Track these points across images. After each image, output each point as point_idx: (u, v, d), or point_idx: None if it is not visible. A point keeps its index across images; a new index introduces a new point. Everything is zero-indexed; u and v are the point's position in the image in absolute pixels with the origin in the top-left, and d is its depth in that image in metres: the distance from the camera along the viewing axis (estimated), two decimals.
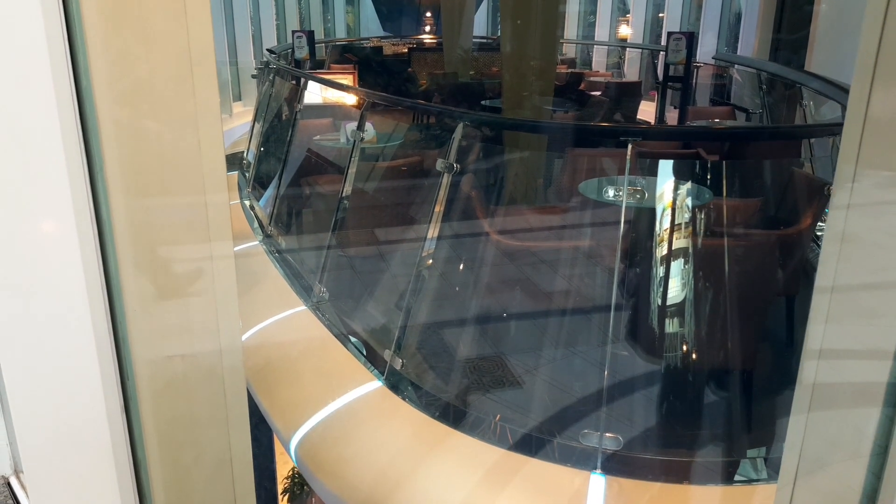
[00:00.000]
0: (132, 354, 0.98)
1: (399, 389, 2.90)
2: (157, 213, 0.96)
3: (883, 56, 0.69)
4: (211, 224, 0.99)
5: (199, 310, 1.04)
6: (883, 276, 0.75)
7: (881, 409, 0.76)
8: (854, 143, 0.74)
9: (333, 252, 3.89)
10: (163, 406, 1.03)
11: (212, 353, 1.07)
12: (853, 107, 0.73)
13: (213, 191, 0.97)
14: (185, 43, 0.90)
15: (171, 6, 0.89)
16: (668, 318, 3.04)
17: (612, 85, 8.99)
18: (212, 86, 0.94)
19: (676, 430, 2.86)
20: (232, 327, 1.07)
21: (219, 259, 1.02)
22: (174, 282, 1.01)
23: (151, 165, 0.93)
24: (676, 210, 3.24)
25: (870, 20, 0.69)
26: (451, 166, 3.07)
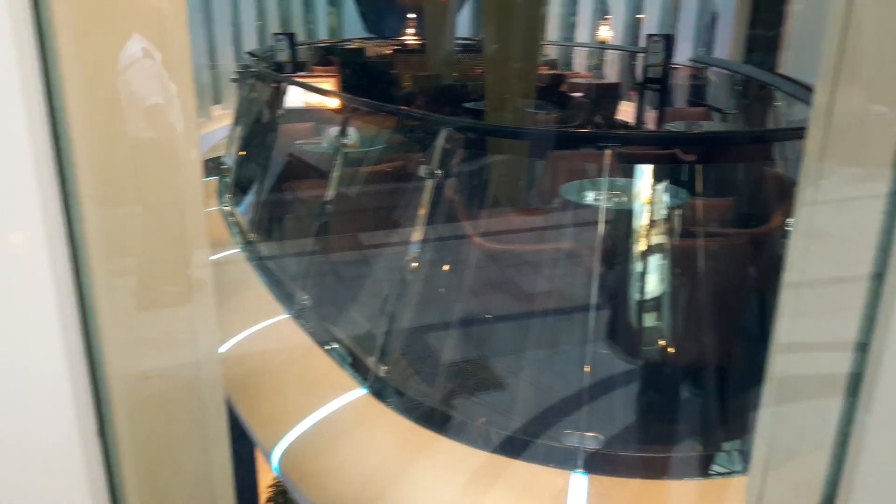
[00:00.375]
0: (106, 370, 0.95)
1: (383, 396, 2.92)
2: (132, 223, 0.95)
3: (845, 57, 0.72)
4: (188, 232, 0.99)
5: (175, 322, 1.03)
6: (847, 270, 0.77)
7: (843, 399, 0.79)
8: (819, 142, 0.76)
9: (316, 258, 3.90)
10: (139, 423, 1.01)
11: (189, 367, 1.06)
12: (818, 106, 0.76)
13: (190, 198, 0.98)
14: (162, 49, 0.91)
15: (146, 12, 0.89)
16: (647, 316, 3.10)
17: (592, 86, 9.08)
18: (188, 92, 0.94)
19: (655, 426, 2.91)
20: (210, 339, 1.07)
21: (196, 268, 1.02)
22: (149, 293, 1.00)
23: (126, 173, 0.93)
24: (654, 210, 3.30)
25: (832, 23, 0.72)
26: (434, 172, 3.10)
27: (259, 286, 3.98)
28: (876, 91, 0.72)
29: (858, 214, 0.75)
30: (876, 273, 0.73)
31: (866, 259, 0.73)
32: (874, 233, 0.72)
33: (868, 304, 0.74)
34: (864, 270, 0.74)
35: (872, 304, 0.74)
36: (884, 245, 0.71)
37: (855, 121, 0.74)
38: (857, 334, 0.76)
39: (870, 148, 0.73)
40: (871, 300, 0.74)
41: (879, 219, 0.71)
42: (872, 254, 0.72)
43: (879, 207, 0.71)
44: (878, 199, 0.71)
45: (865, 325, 0.75)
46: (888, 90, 0.70)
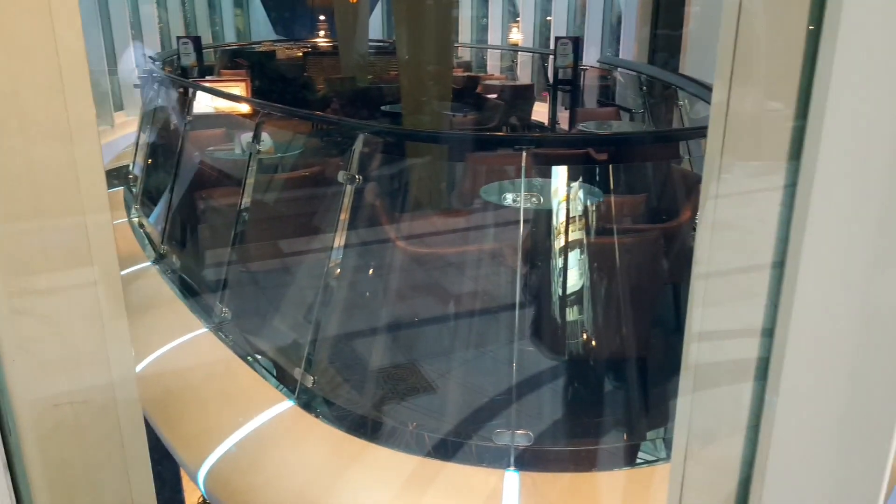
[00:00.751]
0: (11, 398, 0.91)
1: (312, 407, 2.87)
2: (31, 239, 0.90)
3: (739, 56, 0.75)
4: (93, 246, 0.94)
5: (85, 342, 0.98)
6: (752, 259, 0.79)
7: (753, 383, 0.82)
8: (719, 138, 0.79)
9: (234, 268, 3.79)
10: (51, 453, 0.97)
11: (103, 388, 1.01)
12: (716, 103, 0.79)
13: (94, 210, 0.93)
14: (53, 50, 0.86)
15: (33, 10, 0.84)
16: (568, 313, 3.19)
17: (506, 88, 9.25)
18: (86, 95, 0.89)
19: (581, 420, 3.00)
20: (124, 358, 1.02)
21: (104, 284, 0.97)
22: (55, 313, 0.95)
23: (21, 186, 0.87)
24: (571, 209, 3.40)
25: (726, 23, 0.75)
26: (354, 178, 3.07)
27: (174, 300, 3.83)
28: (770, 88, 0.75)
29: (759, 206, 0.77)
30: (777, 261, 0.76)
31: (768, 248, 0.77)
32: (774, 223, 0.75)
33: (771, 292, 0.78)
34: (767, 259, 0.77)
35: (775, 291, 0.77)
36: (783, 235, 0.75)
37: (751, 117, 0.77)
38: (763, 320, 0.80)
39: (766, 142, 0.76)
40: (774, 287, 0.77)
41: (778, 210, 0.75)
42: (773, 243, 0.76)
43: (778, 199, 0.75)
44: (777, 192, 0.75)
45: (770, 312, 0.79)
46: (781, 87, 0.73)
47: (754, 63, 0.75)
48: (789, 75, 0.72)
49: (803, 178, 0.72)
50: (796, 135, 0.73)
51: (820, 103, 0.69)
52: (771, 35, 0.74)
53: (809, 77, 0.70)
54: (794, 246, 0.74)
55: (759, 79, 0.76)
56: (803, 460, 0.81)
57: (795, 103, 0.72)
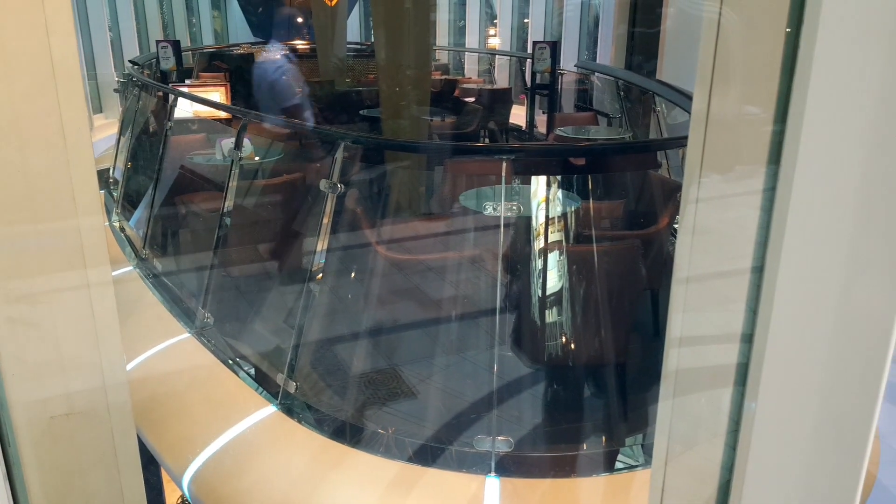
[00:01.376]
0: (10, 408, 0.93)
1: (294, 413, 2.87)
2: (27, 242, 0.91)
3: (719, 60, 0.76)
4: (86, 249, 0.96)
5: (78, 347, 0.99)
6: (731, 264, 0.79)
7: (733, 389, 0.83)
8: (699, 142, 0.79)
9: (216, 273, 3.77)
10: (45, 454, 0.98)
11: (96, 393, 1.03)
12: (697, 108, 0.79)
13: (86, 213, 0.95)
14: (48, 58, 0.88)
15: (28, 20, 0.85)
16: (547, 319, 3.22)
17: (484, 91, 9.28)
18: (79, 102, 0.91)
19: (561, 426, 3.03)
20: (115, 360, 1.04)
21: (96, 286, 0.99)
22: (49, 318, 0.96)
23: (17, 191, 0.89)
24: (550, 216, 3.43)
25: (706, 27, 0.76)
26: (336, 186, 3.08)
27: (156, 305, 3.80)
28: (749, 92, 0.76)
29: (738, 211, 0.77)
30: (756, 266, 0.77)
31: (747, 253, 0.77)
32: (754, 228, 0.76)
33: (750, 297, 0.78)
34: (746, 264, 0.77)
35: (754, 296, 0.78)
36: (762, 240, 0.75)
37: (731, 121, 0.78)
38: (743, 326, 0.80)
39: (746, 147, 0.77)
40: (753, 293, 0.78)
41: (757, 215, 0.75)
42: (753, 248, 0.76)
43: (757, 204, 0.75)
44: (756, 196, 0.75)
45: (749, 317, 0.79)
46: (759, 91, 0.74)
47: (734, 67, 0.76)
48: (768, 79, 0.72)
49: (782, 183, 0.72)
50: (775, 139, 0.73)
51: (799, 107, 0.69)
52: (750, 38, 0.75)
53: (788, 80, 0.71)
54: (772, 251, 0.74)
55: (738, 83, 0.77)
56: (781, 465, 0.81)
57: (774, 107, 0.72)
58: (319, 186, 3.13)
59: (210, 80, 8.56)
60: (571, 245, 3.39)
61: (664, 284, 3.50)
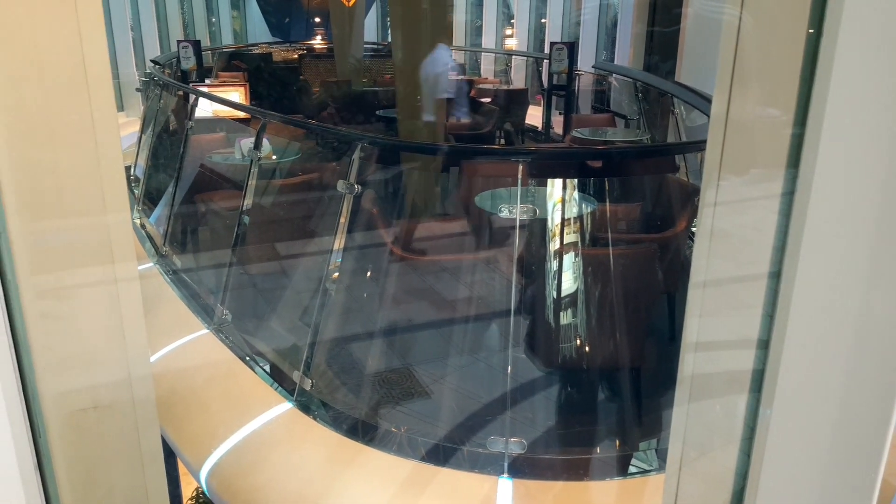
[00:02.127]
0: (42, 402, 0.95)
1: (310, 410, 2.90)
2: (57, 238, 0.93)
3: (739, 63, 0.75)
4: (113, 245, 0.97)
5: (106, 340, 1.01)
6: (749, 268, 0.79)
7: (748, 395, 0.82)
8: (718, 144, 0.79)
9: (234, 271, 3.81)
10: (72, 445, 1.00)
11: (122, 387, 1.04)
12: (716, 110, 0.79)
13: (115, 210, 0.96)
14: (80, 62, 0.90)
15: (63, 25, 0.88)
16: (562, 322, 3.21)
17: (500, 92, 9.27)
18: (109, 104, 0.93)
19: (575, 429, 3.03)
20: (141, 355, 1.05)
21: (123, 282, 1.00)
22: (79, 310, 0.98)
23: (49, 187, 0.91)
24: (566, 218, 3.43)
25: (727, 29, 0.76)
26: (353, 187, 3.10)
27: (176, 301, 3.85)
28: (769, 95, 0.75)
29: (757, 215, 0.77)
30: (774, 272, 0.76)
31: (765, 258, 0.76)
32: (772, 232, 0.75)
33: (767, 303, 0.78)
34: (764, 269, 0.77)
35: (771, 302, 0.77)
36: (780, 244, 0.74)
37: (750, 124, 0.77)
38: (759, 332, 0.79)
39: (765, 150, 0.76)
40: (770, 298, 0.77)
41: (775, 219, 0.74)
42: (770, 253, 0.76)
43: (775, 207, 0.74)
44: (774, 200, 0.74)
45: (766, 323, 0.78)
46: (779, 94, 0.73)
47: (754, 69, 0.75)
48: (788, 81, 0.71)
49: (801, 187, 0.71)
50: (794, 142, 0.72)
51: (819, 109, 0.68)
52: (771, 40, 0.74)
53: (809, 83, 0.70)
54: (790, 256, 0.73)
55: (758, 86, 0.76)
56: (796, 473, 0.81)
57: (794, 110, 0.71)
58: (337, 187, 3.16)
59: (229, 79, 8.64)
60: (587, 248, 3.38)
61: (681, 288, 3.49)
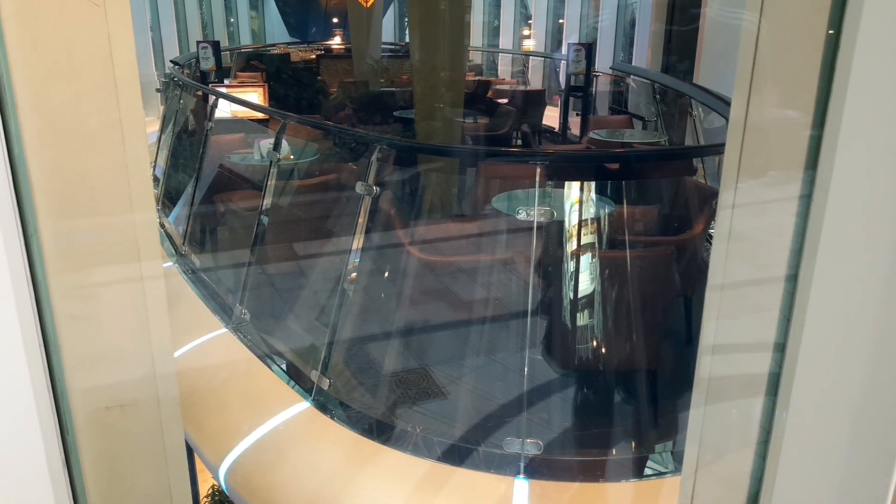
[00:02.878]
0: (70, 400, 0.97)
1: (327, 409, 2.92)
2: (85, 236, 0.95)
3: (759, 64, 0.75)
4: (140, 243, 0.99)
5: (132, 338, 1.03)
6: (766, 271, 0.78)
7: (765, 398, 0.81)
8: (737, 146, 0.79)
9: (253, 271, 3.84)
10: (98, 442, 1.02)
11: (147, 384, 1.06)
12: (735, 111, 0.79)
13: (141, 209, 0.98)
14: (109, 65, 0.92)
15: (93, 29, 0.90)
16: (579, 324, 3.21)
17: (518, 93, 9.27)
18: (136, 105, 0.95)
19: (590, 430, 3.03)
20: (166, 353, 1.07)
21: (149, 280, 1.02)
22: (106, 308, 1.00)
23: (78, 187, 0.93)
24: (583, 221, 3.43)
25: (746, 30, 0.75)
26: (371, 188, 3.12)
27: (195, 300, 3.89)
28: (787, 96, 0.75)
29: (774, 217, 0.77)
30: (791, 274, 0.75)
31: (782, 261, 0.76)
32: (789, 235, 0.74)
33: (784, 306, 0.77)
34: (781, 272, 0.76)
35: (788, 305, 0.76)
36: (797, 247, 0.74)
37: (769, 126, 0.77)
38: (776, 335, 0.79)
39: (783, 152, 0.76)
40: (787, 301, 0.77)
41: (793, 221, 0.74)
42: (788, 255, 0.75)
43: (793, 210, 0.74)
44: (792, 202, 0.74)
45: (783, 326, 0.78)
46: (798, 95, 0.73)
47: (773, 71, 0.75)
48: (807, 82, 0.71)
49: (819, 189, 0.71)
50: (813, 144, 0.71)
51: (837, 111, 0.67)
52: (789, 42, 0.74)
53: (828, 84, 0.69)
54: (807, 259, 0.73)
55: (777, 87, 0.76)
56: (812, 477, 0.80)
57: (812, 112, 0.71)
58: (355, 188, 3.18)
59: (248, 80, 8.72)
60: (604, 250, 3.37)
61: (697, 291, 3.47)
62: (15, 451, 0.93)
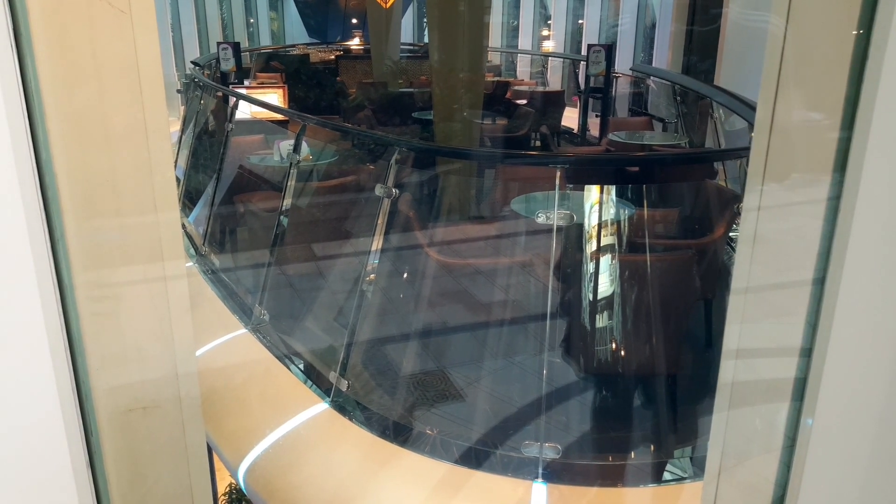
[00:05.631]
0: (95, 401, 0.98)
1: (346, 410, 2.93)
2: (110, 236, 0.96)
3: (786, 65, 0.74)
4: (163, 243, 1.00)
5: (156, 337, 1.04)
6: (791, 275, 0.77)
7: (789, 404, 0.80)
8: (762, 149, 0.78)
9: (272, 271, 3.87)
10: (121, 442, 1.03)
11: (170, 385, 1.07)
12: (761, 113, 0.78)
13: (165, 209, 0.99)
14: (135, 69, 0.93)
15: (119, 35, 0.91)
16: (599, 327, 3.19)
17: (536, 94, 9.24)
18: (161, 107, 0.96)
19: (609, 434, 3.01)
20: (188, 353, 1.07)
21: (172, 279, 1.02)
22: (130, 308, 1.01)
23: (104, 187, 0.94)
24: (603, 223, 3.40)
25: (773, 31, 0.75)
26: (391, 191, 3.12)
27: (215, 300, 3.92)
28: (814, 98, 0.74)
29: (801, 220, 0.76)
30: (818, 278, 0.74)
31: (809, 264, 0.75)
32: (816, 238, 0.73)
33: (811, 310, 0.76)
34: (807, 276, 0.75)
35: (815, 309, 0.75)
36: (824, 251, 0.73)
37: (796, 127, 0.76)
38: (802, 339, 0.78)
39: (810, 154, 0.75)
40: (814, 306, 0.75)
41: (820, 224, 0.73)
42: (815, 259, 0.74)
43: (820, 213, 0.73)
44: (819, 205, 0.73)
45: (809, 331, 0.77)
46: (827, 97, 0.71)
47: (800, 72, 0.74)
48: (835, 83, 0.70)
49: (847, 192, 0.69)
50: (841, 146, 0.70)
51: (866, 113, 0.66)
52: (817, 42, 0.73)
53: (857, 85, 0.68)
54: (835, 262, 0.72)
55: (804, 88, 0.75)
56: (838, 486, 0.79)
57: (841, 113, 0.70)
58: (375, 191, 3.19)
59: (267, 80, 8.77)
60: (624, 253, 3.35)
61: (718, 295, 3.44)
62: (40, 451, 0.94)
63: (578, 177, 3.52)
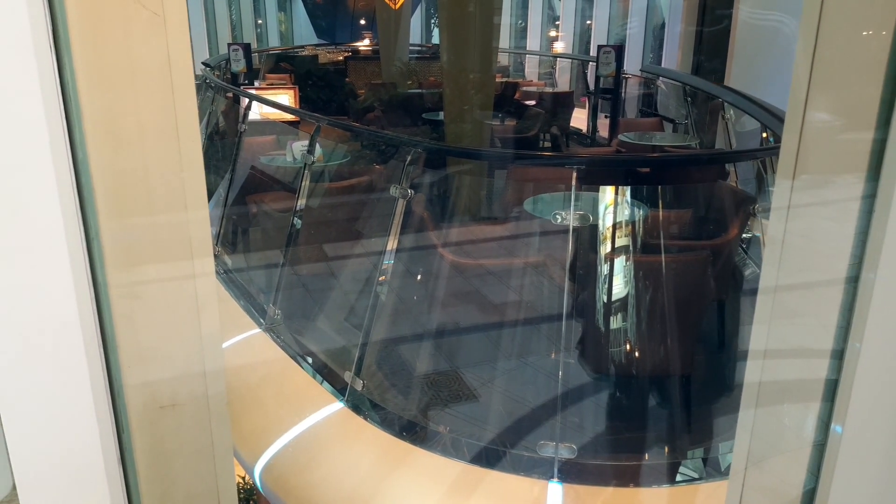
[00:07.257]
0: (124, 388, 0.99)
1: (361, 410, 2.94)
2: (143, 234, 0.98)
3: (816, 65, 0.74)
4: (193, 241, 1.01)
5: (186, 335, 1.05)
6: (819, 276, 0.77)
7: (819, 405, 0.80)
8: (792, 149, 0.77)
9: (286, 272, 3.88)
10: (151, 439, 1.04)
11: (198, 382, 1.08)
12: (791, 112, 0.77)
13: (195, 208, 1.00)
14: (167, 70, 0.94)
15: (153, 37, 0.92)
16: (614, 328, 3.19)
17: (546, 95, 9.24)
18: (192, 107, 0.97)
19: (624, 435, 3.01)
20: (216, 350, 1.09)
21: (201, 277, 1.03)
22: (161, 306, 1.02)
23: (137, 185, 0.95)
24: (617, 225, 3.40)
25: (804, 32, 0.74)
26: (406, 192, 3.13)
27: (228, 300, 3.93)
28: (848, 98, 0.74)
29: (833, 219, 0.75)
30: (851, 277, 0.74)
31: (841, 264, 0.74)
32: (849, 238, 0.72)
33: (843, 311, 0.75)
34: (838, 276, 0.75)
35: (847, 310, 0.75)
36: (858, 251, 0.72)
37: (827, 128, 0.76)
38: (833, 341, 0.77)
39: (842, 154, 0.75)
40: (846, 306, 0.75)
41: (853, 224, 0.72)
42: (847, 259, 0.73)
43: (852, 213, 0.72)
44: (853, 204, 0.72)
45: (840, 332, 0.76)
46: (861, 98, 0.71)
47: (833, 72, 0.73)
48: (870, 83, 0.69)
49: (882, 192, 0.68)
50: (876, 147, 0.70)
51: None
52: (851, 42, 0.72)
53: (893, 86, 0.67)
54: (869, 262, 0.71)
55: (837, 89, 0.74)
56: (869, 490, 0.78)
57: (876, 113, 0.69)
58: (390, 192, 3.19)
59: (276, 80, 8.80)
60: (638, 253, 3.35)
61: (731, 296, 3.43)
62: (73, 448, 0.95)
63: (592, 177, 3.52)
